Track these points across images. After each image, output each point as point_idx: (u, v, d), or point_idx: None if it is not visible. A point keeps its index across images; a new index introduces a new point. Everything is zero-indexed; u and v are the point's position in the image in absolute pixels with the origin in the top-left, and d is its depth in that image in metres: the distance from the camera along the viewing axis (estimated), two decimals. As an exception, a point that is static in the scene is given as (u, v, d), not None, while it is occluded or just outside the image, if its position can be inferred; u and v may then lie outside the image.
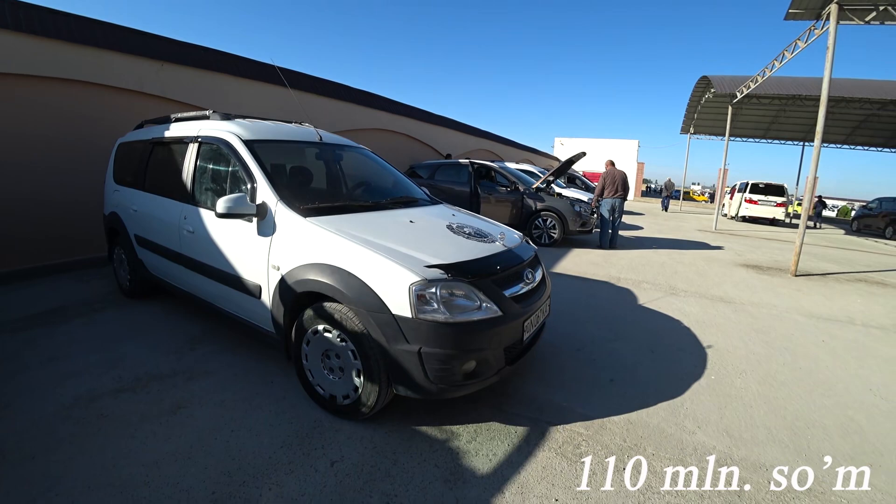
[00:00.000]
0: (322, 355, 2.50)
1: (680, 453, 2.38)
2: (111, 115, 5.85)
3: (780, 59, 10.06)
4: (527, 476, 2.15)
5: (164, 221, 3.60)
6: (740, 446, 2.47)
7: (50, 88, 5.30)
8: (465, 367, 2.25)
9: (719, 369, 3.43)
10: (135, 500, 1.91)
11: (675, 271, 6.99)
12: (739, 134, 22.43)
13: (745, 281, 6.65)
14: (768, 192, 17.48)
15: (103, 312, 4.11)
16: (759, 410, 2.87)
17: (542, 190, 8.92)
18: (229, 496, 1.94)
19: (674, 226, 14.66)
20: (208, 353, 3.32)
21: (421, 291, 2.17)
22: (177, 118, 3.96)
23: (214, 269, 3.09)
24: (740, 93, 12.94)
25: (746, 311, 5.01)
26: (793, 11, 8.01)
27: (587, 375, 3.21)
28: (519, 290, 2.61)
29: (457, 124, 16.12)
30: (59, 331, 3.68)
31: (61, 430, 2.38)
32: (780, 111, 19.17)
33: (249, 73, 7.64)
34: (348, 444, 2.32)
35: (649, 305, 5.01)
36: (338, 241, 2.44)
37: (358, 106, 10.57)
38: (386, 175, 4.05)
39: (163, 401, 2.67)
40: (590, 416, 2.68)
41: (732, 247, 10.31)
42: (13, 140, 5.06)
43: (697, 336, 4.12)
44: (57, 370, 3.02)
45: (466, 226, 3.07)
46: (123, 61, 5.91)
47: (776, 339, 4.20)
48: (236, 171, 3.05)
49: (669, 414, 2.76)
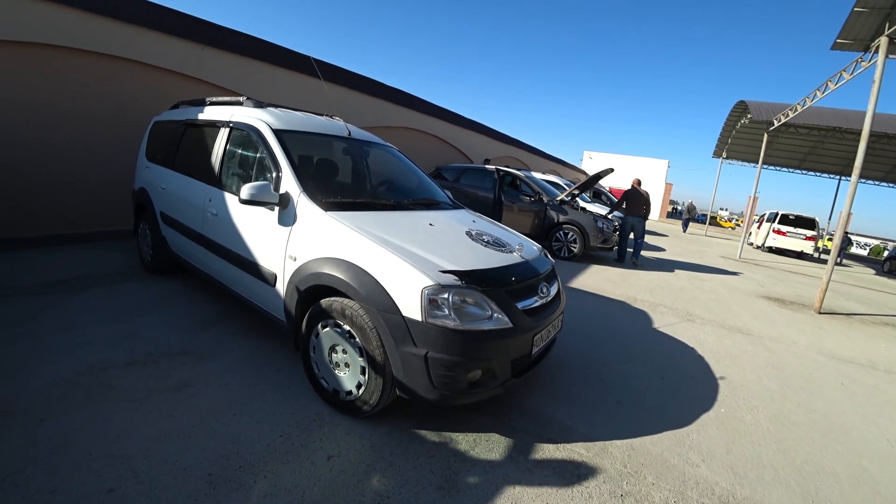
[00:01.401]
0: (329, 349, 2.51)
1: (681, 486, 2.33)
2: (149, 94, 6.01)
3: (823, 90, 9.79)
4: (521, 492, 2.12)
5: (190, 202, 3.67)
6: (744, 485, 2.40)
7: (94, 63, 5.47)
8: (470, 375, 2.24)
9: (730, 402, 3.35)
10: (134, 472, 1.94)
11: (694, 297, 6.85)
12: (773, 162, 21.89)
13: (766, 313, 6.48)
14: (798, 224, 17.02)
15: (123, 285, 4.22)
16: (768, 449, 2.78)
17: (566, 203, 8.85)
18: (224, 480, 1.96)
19: (697, 250, 14.39)
20: (220, 335, 3.37)
21: (433, 296, 2.17)
22: (211, 102, 4.04)
23: (234, 253, 3.14)
24: (777, 120, 12.63)
25: (764, 345, 4.88)
26: (841, 41, 7.80)
27: (594, 395, 3.17)
28: (532, 304, 2.58)
29: (486, 129, 16.09)
30: (79, 298, 3.78)
31: (71, 396, 2.44)
32: (817, 142, 18.66)
33: (285, 62, 7.76)
34: (346, 440, 2.32)
35: (664, 330, 4.92)
36: (356, 238, 2.45)
37: (389, 103, 10.63)
38: (411, 175, 4.06)
39: (170, 377, 2.72)
40: (592, 438, 2.63)
41: (755, 277, 10.06)
42: (53, 111, 5.24)
43: (711, 366, 4.02)
44: (72, 337, 3.10)
45: (485, 233, 3.06)
46: (167, 41, 6.06)
47: (793, 376, 4.07)
48: (263, 158, 3.10)
49: (674, 444, 2.69)
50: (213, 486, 1.92)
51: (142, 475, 1.93)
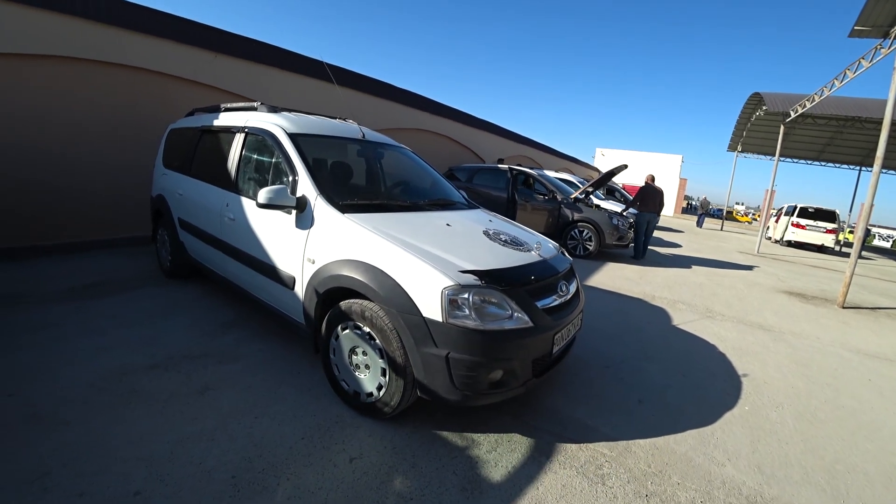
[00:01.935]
0: (349, 351, 2.52)
1: (707, 485, 2.28)
2: (164, 102, 6.09)
3: (841, 79, 9.57)
4: (545, 493, 2.10)
5: (207, 207, 3.71)
6: (772, 484, 2.35)
7: (110, 74, 5.56)
8: (491, 375, 2.22)
9: (754, 400, 3.28)
10: (159, 475, 1.97)
11: (713, 293, 6.74)
12: (790, 154, 21.46)
13: (787, 309, 6.35)
14: (818, 216, 16.68)
15: (143, 290, 4.28)
16: (795, 448, 2.72)
17: (580, 200, 8.79)
18: (248, 482, 1.97)
19: (714, 245, 14.18)
20: (239, 338, 3.41)
21: (453, 296, 2.16)
22: (226, 108, 4.08)
23: (252, 257, 3.17)
24: (794, 111, 12.39)
25: (787, 341, 4.79)
26: (859, 28, 7.61)
27: (614, 394, 3.13)
28: (552, 303, 2.56)
29: (497, 129, 16.05)
30: (101, 304, 3.85)
31: (95, 400, 2.48)
32: (836, 133, 18.25)
33: (296, 67, 7.81)
34: (368, 442, 2.32)
35: (683, 327, 4.85)
36: (374, 240, 2.45)
37: (401, 105, 10.66)
38: (425, 176, 4.06)
39: (192, 381, 2.75)
40: (614, 437, 2.60)
41: (775, 272, 9.88)
42: (72, 121, 5.34)
43: (732, 363, 3.95)
44: (95, 342, 3.15)
45: (503, 233, 3.04)
46: (181, 50, 6.15)
47: (818, 373, 3.98)
48: (279, 163, 3.12)
49: (698, 443, 2.65)
50: (237, 488, 1.93)
51: (167, 478, 1.96)
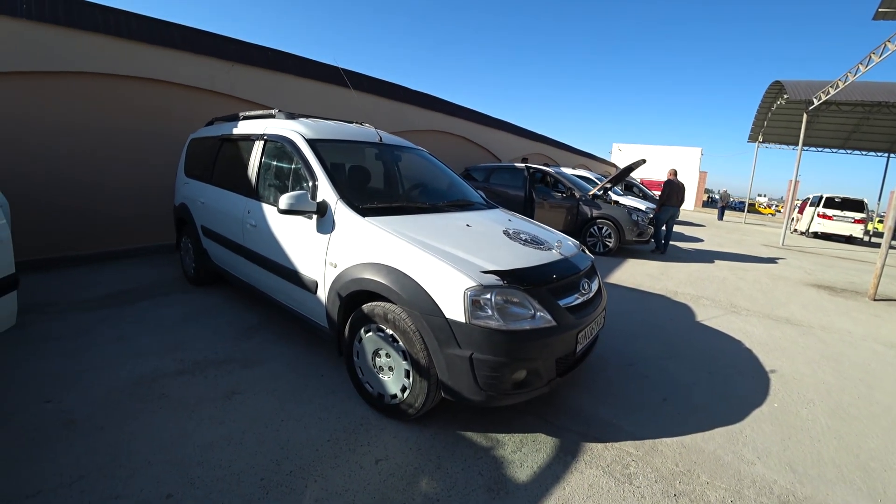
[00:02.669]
0: (373, 354, 2.54)
1: (737, 484, 2.24)
2: (184, 112, 6.22)
3: (866, 63, 9.31)
4: (572, 492, 2.09)
5: (229, 214, 3.78)
6: (805, 483, 2.29)
7: (133, 87, 5.71)
8: (515, 375, 2.22)
9: (783, 397, 3.21)
10: (190, 478, 2.01)
11: (737, 288, 6.61)
12: (814, 143, 20.95)
13: (816, 302, 6.19)
14: (845, 206, 16.20)
15: (169, 297, 4.38)
16: (829, 446, 2.65)
17: (598, 197, 8.71)
18: (277, 484, 2.01)
19: (736, 239, 13.89)
20: (264, 342, 3.46)
21: (476, 297, 2.16)
22: (245, 116, 4.15)
23: (274, 262, 3.21)
24: (818, 99, 12.07)
25: (816, 336, 4.67)
26: (883, 10, 7.40)
27: (638, 392, 3.09)
28: (574, 301, 2.55)
29: (512, 127, 16.01)
30: (128, 312, 3.95)
31: (127, 405, 2.55)
32: (862, 119, 17.77)
33: (311, 73, 7.90)
34: (393, 443, 2.34)
35: (708, 323, 4.76)
36: (395, 242, 2.47)
37: (415, 107, 10.70)
38: (443, 177, 4.07)
39: (219, 385, 2.81)
40: (640, 436, 2.57)
41: (801, 264, 9.64)
42: (95, 135, 5.49)
43: (760, 359, 3.87)
44: (125, 348, 3.24)
45: (523, 232, 3.03)
46: (198, 61, 6.28)
47: (849, 368, 3.87)
48: (299, 168, 3.16)
49: (727, 441, 2.60)
50: (265, 490, 1.97)
51: (197, 481, 2.00)
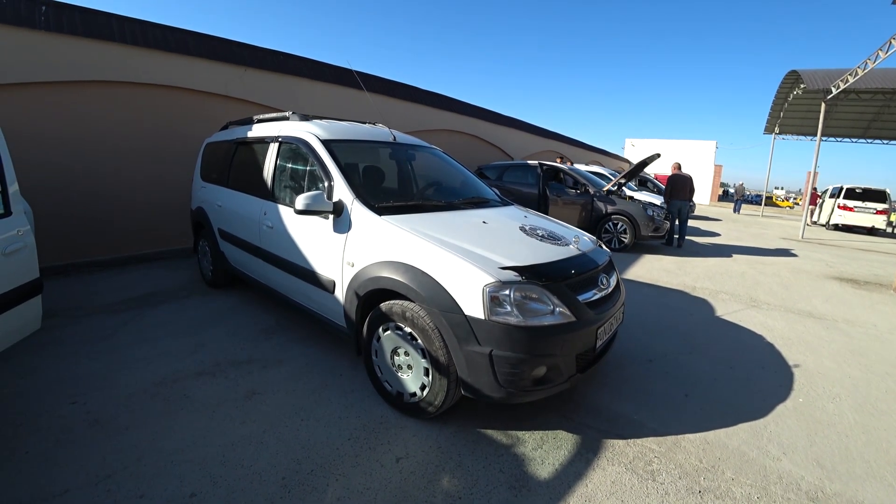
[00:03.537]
0: (391, 352, 2.54)
1: (763, 481, 2.20)
2: (199, 117, 6.31)
3: (886, 49, 9.07)
4: (594, 490, 2.07)
5: (246, 217, 3.82)
6: (834, 480, 2.24)
7: (149, 95, 5.81)
8: (535, 372, 2.20)
9: (808, 391, 3.14)
10: (212, 478, 2.03)
11: (757, 282, 6.49)
12: (833, 133, 20.47)
13: (839, 296, 6.05)
14: (867, 197, 15.81)
15: (188, 300, 4.44)
16: (857, 441, 2.58)
17: (613, 193, 8.63)
18: (298, 483, 2.02)
19: (755, 232, 13.65)
20: (282, 343, 3.49)
21: (495, 293, 2.15)
22: (259, 119, 4.19)
23: (291, 263, 3.23)
24: (836, 87, 11.80)
25: (840, 330, 4.56)
26: (905, -3, 7.20)
27: (660, 388, 3.05)
28: (593, 296, 2.52)
29: (525, 125, 15.97)
30: (149, 315, 4.01)
31: (150, 406, 2.59)
32: (883, 107, 17.32)
33: (323, 76, 7.96)
34: (413, 441, 2.34)
35: (728, 318, 4.69)
36: (412, 240, 2.47)
37: (427, 107, 10.72)
38: (458, 175, 4.06)
39: (239, 386, 2.84)
40: (662, 432, 2.54)
41: (822, 257, 9.43)
42: (112, 142, 5.60)
43: (782, 354, 3.79)
44: (147, 351, 3.29)
45: (539, 228, 3.01)
46: (212, 67, 6.36)
47: (876, 362, 3.77)
48: (314, 169, 3.18)
49: (751, 436, 2.55)
50: (287, 489, 1.98)
51: (219, 480, 2.02)
